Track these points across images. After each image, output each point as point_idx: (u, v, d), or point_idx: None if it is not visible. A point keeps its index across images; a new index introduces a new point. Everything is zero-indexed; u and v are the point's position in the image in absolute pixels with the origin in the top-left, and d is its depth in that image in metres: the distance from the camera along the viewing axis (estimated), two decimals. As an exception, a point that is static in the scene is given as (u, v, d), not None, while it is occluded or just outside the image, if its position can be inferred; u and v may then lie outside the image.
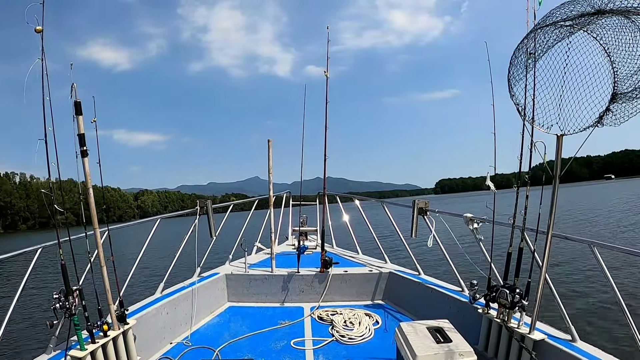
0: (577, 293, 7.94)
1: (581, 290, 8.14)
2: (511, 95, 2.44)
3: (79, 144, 2.44)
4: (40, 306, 9.37)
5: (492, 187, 2.71)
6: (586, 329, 5.90)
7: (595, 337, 5.54)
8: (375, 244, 4.97)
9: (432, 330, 2.45)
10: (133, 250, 3.31)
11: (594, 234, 15.38)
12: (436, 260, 8.89)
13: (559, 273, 9.29)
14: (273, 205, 4.69)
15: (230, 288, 4.41)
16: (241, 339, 3.44)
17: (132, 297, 3.97)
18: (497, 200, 2.78)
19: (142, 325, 3.04)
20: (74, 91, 2.40)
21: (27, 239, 52.79)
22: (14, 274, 14.47)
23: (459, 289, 3.54)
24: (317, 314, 3.91)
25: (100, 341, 2.49)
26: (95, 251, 2.57)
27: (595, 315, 6.62)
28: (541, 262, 2.49)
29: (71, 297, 2.37)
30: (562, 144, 2.32)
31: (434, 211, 3.78)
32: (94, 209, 2.50)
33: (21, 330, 7.85)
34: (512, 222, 2.64)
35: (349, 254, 5.41)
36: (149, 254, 3.75)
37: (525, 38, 2.42)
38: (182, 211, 4.41)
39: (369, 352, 3.16)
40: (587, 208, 27.87)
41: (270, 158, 4.44)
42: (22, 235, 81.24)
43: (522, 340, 2.51)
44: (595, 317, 6.52)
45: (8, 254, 2.58)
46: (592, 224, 18.88)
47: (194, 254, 3.92)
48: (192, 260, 3.98)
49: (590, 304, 7.20)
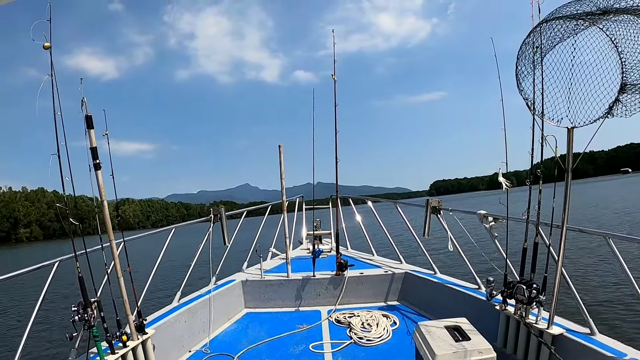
0: (594, 286, 7.87)
1: (598, 283, 8.08)
2: (520, 90, 2.43)
3: (92, 157, 2.46)
4: (58, 318, 9.44)
5: (506, 183, 2.70)
6: (605, 322, 5.85)
7: (614, 330, 5.49)
8: (390, 245, 4.96)
9: (451, 329, 2.43)
10: (136, 259, 3.35)
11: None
12: (452, 259, 8.84)
13: (575, 267, 9.21)
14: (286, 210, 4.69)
15: (246, 294, 4.43)
16: (260, 344, 3.44)
17: (147, 306, 3.98)
18: (498, 199, 2.78)
19: (161, 335, 3.06)
20: (84, 105, 2.43)
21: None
22: (27, 285, 14.59)
23: (476, 287, 3.52)
24: (335, 317, 3.91)
25: (120, 352, 2.50)
26: (112, 262, 2.58)
27: (614, 307, 6.56)
28: (557, 256, 2.48)
29: (89, 309, 2.38)
30: (573, 137, 2.32)
31: (447, 209, 3.77)
32: (109, 221, 2.52)
33: (41, 344, 7.89)
34: (527, 217, 2.63)
35: (364, 256, 5.42)
36: (160, 263, 3.79)
37: (532, 32, 2.41)
38: (196, 220, 4.44)
39: (388, 354, 3.15)
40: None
41: (281, 163, 4.45)
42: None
43: (540, 336, 2.49)
44: (614, 310, 6.46)
45: (26, 269, 2.60)
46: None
47: (209, 261, 3.92)
48: (207, 268, 3.99)
49: (608, 297, 7.13)
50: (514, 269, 2.86)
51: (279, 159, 4.42)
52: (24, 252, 58.83)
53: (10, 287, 14.45)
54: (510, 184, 2.72)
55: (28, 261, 14.00)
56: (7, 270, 2.53)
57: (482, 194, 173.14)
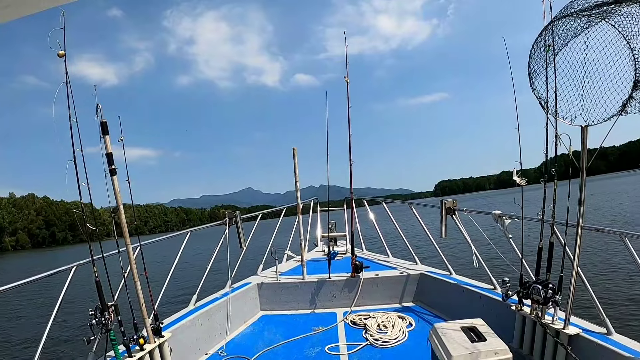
0: (611, 285, 7.78)
1: (614, 282, 7.98)
2: (533, 89, 2.42)
3: (107, 162, 2.49)
4: (73, 322, 9.55)
5: (520, 181, 2.68)
6: (622, 321, 5.78)
7: (632, 330, 5.42)
8: (405, 246, 4.95)
9: (466, 330, 2.43)
10: (147, 262, 3.35)
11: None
12: (467, 260, 8.69)
13: (591, 266, 9.12)
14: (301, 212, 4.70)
15: (262, 297, 4.44)
16: (276, 347, 3.45)
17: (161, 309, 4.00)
18: (503, 200, 2.76)
19: (178, 338, 3.08)
20: (99, 112, 2.46)
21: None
22: (43, 288, 14.76)
23: (491, 287, 3.50)
24: (350, 319, 3.91)
25: (137, 355, 2.54)
26: (129, 267, 2.61)
27: (630, 307, 6.48)
28: (572, 256, 2.45)
29: (107, 312, 2.42)
30: (587, 135, 2.30)
31: (462, 210, 3.75)
32: (125, 226, 2.55)
33: (59, 347, 7.99)
34: (541, 217, 2.61)
35: (379, 257, 5.42)
36: (171, 266, 3.78)
37: (544, 31, 2.40)
38: (212, 223, 4.47)
39: (404, 355, 3.15)
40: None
41: (295, 166, 4.47)
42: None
43: (557, 336, 2.47)
44: (631, 309, 6.37)
45: (43, 274, 2.63)
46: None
47: (225, 265, 3.95)
48: (223, 271, 4.02)
49: (625, 296, 7.06)
50: (530, 268, 2.84)
51: (293, 162, 4.43)
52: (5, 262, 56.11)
53: (26, 291, 14.64)
54: (525, 182, 2.70)
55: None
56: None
57: (490, 193, 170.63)
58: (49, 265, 2.79)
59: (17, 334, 9.96)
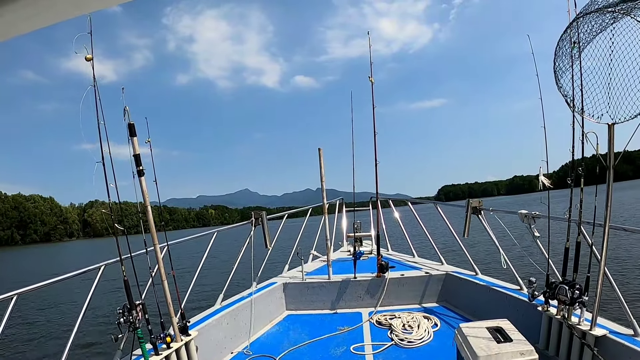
0: (639, 286, 7.58)
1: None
2: (558, 87, 2.39)
3: (135, 163, 2.54)
4: (100, 320, 9.68)
5: (547, 182, 2.66)
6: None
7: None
8: (430, 246, 4.93)
9: (492, 330, 2.41)
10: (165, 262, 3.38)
11: None
12: (493, 259, 8.58)
13: (618, 266, 8.90)
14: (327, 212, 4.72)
15: (288, 297, 4.47)
16: (301, 346, 3.47)
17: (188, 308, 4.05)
18: (512, 205, 2.73)
19: (204, 336, 3.12)
20: (127, 114, 2.51)
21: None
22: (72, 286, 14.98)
23: (517, 287, 3.47)
24: (376, 319, 3.91)
25: (164, 353, 2.58)
26: (156, 266, 2.66)
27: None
28: (600, 256, 2.41)
29: (134, 311, 2.46)
30: (614, 133, 2.26)
31: (487, 210, 3.72)
32: (152, 226, 2.60)
33: (87, 344, 8.13)
34: (568, 217, 2.58)
35: (404, 257, 5.41)
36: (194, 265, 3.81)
37: (568, 28, 2.37)
38: (238, 223, 4.52)
39: (429, 355, 3.13)
40: None
41: (321, 167, 4.49)
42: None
43: (583, 337, 2.44)
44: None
45: (72, 273, 2.70)
46: None
47: (250, 264, 3.98)
48: (248, 270, 4.04)
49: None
50: (556, 269, 2.80)
51: (319, 162, 4.46)
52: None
53: (54, 289, 14.88)
54: (550, 184, 2.68)
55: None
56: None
57: (494, 199, 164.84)
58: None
59: (44, 331, 10.10)
